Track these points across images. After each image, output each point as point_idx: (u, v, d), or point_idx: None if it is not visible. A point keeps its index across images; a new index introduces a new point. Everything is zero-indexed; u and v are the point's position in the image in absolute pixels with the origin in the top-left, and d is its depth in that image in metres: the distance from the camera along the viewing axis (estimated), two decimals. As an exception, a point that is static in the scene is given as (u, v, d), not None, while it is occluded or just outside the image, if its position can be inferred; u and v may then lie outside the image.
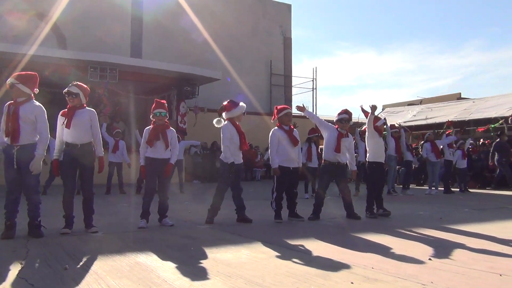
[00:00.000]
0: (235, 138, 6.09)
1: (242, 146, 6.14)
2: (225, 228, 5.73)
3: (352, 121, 7.09)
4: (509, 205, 9.17)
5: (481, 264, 3.70)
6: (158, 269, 3.52)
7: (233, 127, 6.11)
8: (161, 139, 5.78)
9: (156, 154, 5.79)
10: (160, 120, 5.85)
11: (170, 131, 5.95)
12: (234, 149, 6.08)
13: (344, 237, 5.25)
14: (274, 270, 3.50)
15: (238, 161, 6.14)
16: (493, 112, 15.69)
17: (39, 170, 4.81)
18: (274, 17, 23.89)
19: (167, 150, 5.83)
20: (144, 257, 3.94)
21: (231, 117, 6.17)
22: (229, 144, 6.02)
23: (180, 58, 19.05)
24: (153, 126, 5.86)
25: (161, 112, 5.85)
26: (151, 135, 5.78)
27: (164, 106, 5.94)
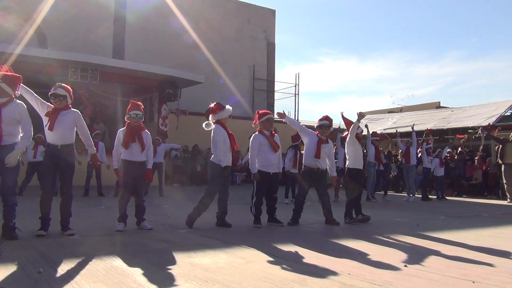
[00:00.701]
0: (226, 140, 6.08)
1: (233, 147, 6.12)
2: (204, 233, 5.70)
3: (332, 127, 7.15)
4: (484, 213, 9.36)
5: (455, 271, 3.77)
6: (134, 274, 3.49)
7: (223, 130, 6.11)
8: (136, 141, 5.70)
9: (131, 157, 5.70)
10: (136, 121, 5.77)
11: (146, 133, 5.86)
12: (225, 152, 6.07)
13: (322, 243, 5.28)
14: (251, 275, 3.51)
15: (228, 163, 6.15)
16: (470, 121, 15.99)
17: (14, 163, 4.70)
18: (258, 22, 23.98)
19: (143, 152, 5.76)
20: (120, 261, 3.90)
21: (219, 119, 6.15)
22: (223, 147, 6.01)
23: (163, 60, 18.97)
24: (128, 128, 5.75)
25: (137, 114, 5.75)
26: (126, 137, 5.68)
27: (139, 108, 5.84)
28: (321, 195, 6.75)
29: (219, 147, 5.99)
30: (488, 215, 8.98)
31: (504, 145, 12.20)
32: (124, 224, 5.66)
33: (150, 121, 17.53)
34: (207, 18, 21.72)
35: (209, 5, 22.14)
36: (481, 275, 3.61)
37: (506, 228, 6.84)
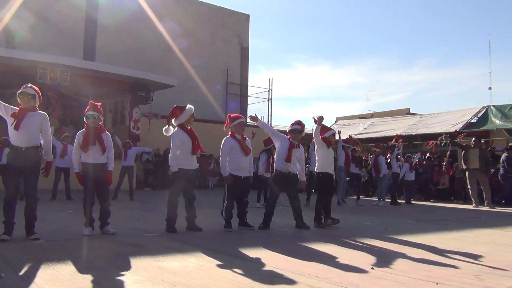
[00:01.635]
0: (187, 143, 6.02)
1: (194, 150, 6.03)
2: (173, 237, 5.65)
3: (304, 132, 7.21)
4: (450, 217, 9.60)
5: (420, 273, 3.85)
6: (100, 278, 3.43)
7: (183, 132, 6.04)
8: (96, 143, 5.58)
9: (92, 159, 5.57)
10: (94, 122, 5.63)
11: (106, 134, 5.74)
12: (186, 155, 6.01)
13: (292, 246, 5.31)
14: (220, 279, 3.50)
15: (191, 167, 6.08)
16: (438, 127, 16.41)
17: None
18: (232, 26, 24.05)
19: (103, 154, 5.64)
20: (86, 266, 3.83)
21: (181, 122, 6.11)
22: (180, 151, 5.96)
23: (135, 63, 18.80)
24: (87, 130, 5.61)
25: (93, 115, 5.62)
26: (85, 139, 5.55)
27: (97, 109, 5.69)
28: (291, 199, 6.79)
29: (173, 152, 5.95)
30: (453, 219, 9.21)
31: (467, 151, 12.48)
32: (91, 228, 5.55)
33: (121, 124, 17.33)
34: (181, 22, 21.64)
35: (183, 9, 22.07)
36: (444, 277, 3.70)
37: (470, 232, 7.02)
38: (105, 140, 5.67)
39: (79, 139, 5.61)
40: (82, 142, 5.56)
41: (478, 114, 16.04)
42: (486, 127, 15.46)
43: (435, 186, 15.68)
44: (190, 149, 6.02)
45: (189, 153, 6.03)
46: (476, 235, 6.68)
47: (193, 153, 6.06)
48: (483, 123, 15.53)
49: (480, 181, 12.30)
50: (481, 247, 5.36)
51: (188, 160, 6.04)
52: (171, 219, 5.95)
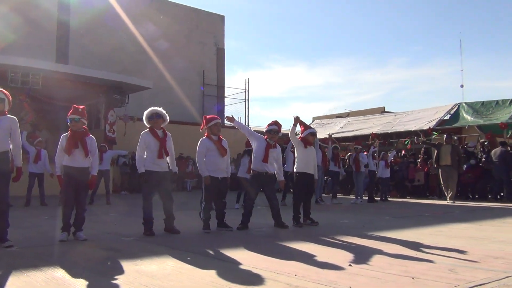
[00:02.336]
0: (153, 146, 5.96)
1: (158, 154, 5.95)
2: (151, 240, 5.60)
3: (281, 132, 7.24)
4: (425, 212, 9.77)
5: (396, 268, 3.91)
6: (76, 284, 3.37)
7: (150, 135, 6.01)
8: (80, 147, 5.50)
9: (74, 163, 5.49)
10: (77, 126, 5.55)
11: (90, 138, 5.66)
12: (153, 158, 5.96)
13: (271, 246, 5.33)
14: (199, 281, 3.48)
15: (160, 169, 6.00)
16: (412, 125, 16.69)
17: None
18: (207, 28, 23.98)
19: (86, 158, 5.57)
20: (62, 272, 3.76)
21: (148, 125, 6.08)
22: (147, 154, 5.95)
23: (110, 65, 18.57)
24: (71, 133, 5.54)
25: (74, 118, 5.54)
26: (69, 143, 5.46)
27: (80, 112, 5.61)
28: (269, 199, 6.80)
29: (137, 154, 5.95)
30: (429, 214, 9.38)
31: (439, 149, 12.63)
32: (67, 234, 5.45)
33: (96, 128, 17.08)
34: (156, 23, 21.48)
35: (157, 10, 21.90)
36: (420, 271, 3.76)
37: (445, 226, 7.17)
38: (89, 144, 5.60)
39: (62, 142, 5.51)
40: (65, 145, 5.46)
41: (450, 112, 16.36)
42: (459, 124, 15.80)
43: (410, 182, 15.94)
44: (157, 152, 5.96)
45: (156, 156, 5.96)
46: (451, 229, 6.81)
47: (158, 157, 5.97)
48: (455, 120, 15.86)
49: (450, 177, 12.43)
50: (456, 241, 5.47)
51: (157, 164, 5.98)
52: (148, 222, 5.89)
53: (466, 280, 3.41)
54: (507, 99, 15.24)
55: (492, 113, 14.91)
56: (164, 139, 6.06)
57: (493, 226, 7.20)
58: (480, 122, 15.09)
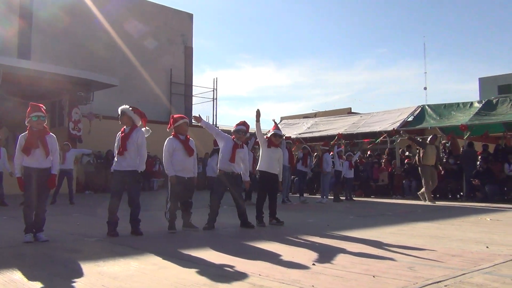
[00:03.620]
0: (118, 144, 5.91)
1: (119, 151, 5.87)
2: (115, 240, 5.51)
3: (249, 133, 7.25)
4: (388, 212, 10.00)
5: (358, 267, 3.99)
6: (34, 286, 3.29)
7: (120, 133, 5.98)
8: (40, 146, 5.34)
9: (35, 163, 5.32)
10: (39, 124, 5.39)
11: (50, 137, 5.50)
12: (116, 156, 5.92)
13: (236, 246, 5.34)
14: (162, 281, 3.46)
15: (121, 168, 5.89)
16: (377, 126, 17.01)
17: None
18: (175, 26, 23.73)
19: (47, 158, 5.42)
20: (20, 274, 3.65)
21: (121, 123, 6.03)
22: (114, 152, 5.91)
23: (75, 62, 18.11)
24: (30, 132, 5.35)
25: (39, 116, 5.37)
26: (28, 142, 5.28)
27: (41, 109, 5.44)
28: (236, 199, 6.82)
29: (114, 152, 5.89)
30: (391, 213, 9.62)
31: (424, 148, 12.51)
32: (32, 235, 5.29)
33: (60, 126, 16.64)
34: (123, 20, 21.10)
35: (124, 6, 21.52)
36: (381, 269, 3.86)
37: (406, 225, 7.36)
38: (49, 143, 5.43)
39: (21, 142, 5.33)
40: (24, 145, 5.29)
41: (414, 113, 16.76)
42: (422, 126, 16.20)
43: (375, 182, 16.27)
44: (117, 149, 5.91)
45: (117, 154, 5.90)
46: (413, 228, 7.00)
47: (118, 153, 5.88)
48: (419, 121, 16.26)
49: (434, 177, 12.49)
50: (416, 240, 5.63)
51: (118, 162, 5.90)
52: (112, 223, 5.80)
53: (424, 278, 3.52)
54: (468, 102, 15.76)
55: (454, 116, 15.38)
56: (128, 135, 5.92)
57: (453, 225, 7.44)
58: (442, 124, 15.54)
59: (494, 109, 14.61)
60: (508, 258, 4.36)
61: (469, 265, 4.04)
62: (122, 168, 5.89)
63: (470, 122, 14.31)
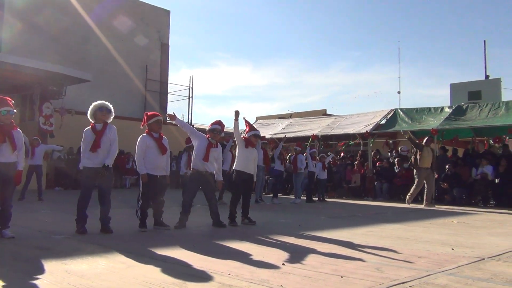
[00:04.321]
0: (89, 140, 5.79)
1: (92, 147, 5.76)
2: (84, 238, 5.43)
3: (224, 132, 7.24)
4: (359, 213, 10.15)
5: (327, 267, 4.04)
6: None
7: (90, 129, 5.86)
8: (7, 141, 5.21)
9: (1, 158, 5.19)
10: (7, 119, 5.26)
11: (17, 132, 5.38)
12: (88, 153, 5.79)
13: (207, 245, 5.33)
14: (130, 280, 3.43)
15: (93, 165, 5.79)
16: (351, 129, 17.23)
17: None
18: (152, 22, 23.48)
19: (13, 153, 5.29)
20: (-16, 271, 3.57)
21: (90, 119, 5.92)
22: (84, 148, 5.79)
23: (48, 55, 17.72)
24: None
25: (9, 111, 5.24)
26: None
27: (9, 103, 5.30)
28: (208, 198, 6.80)
29: (81, 149, 5.79)
30: (362, 215, 9.76)
31: (421, 149, 12.27)
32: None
33: (30, 120, 16.28)
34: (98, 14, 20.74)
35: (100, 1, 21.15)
36: (349, 270, 3.91)
37: (376, 226, 7.49)
38: (16, 138, 5.31)
39: None
40: None
41: (387, 116, 17.04)
42: (394, 129, 16.49)
43: (347, 184, 16.47)
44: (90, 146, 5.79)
45: (90, 151, 5.80)
46: (382, 230, 7.12)
47: (91, 150, 5.78)
48: (391, 124, 16.54)
49: (430, 180, 12.26)
50: (385, 241, 5.73)
51: (90, 159, 5.81)
52: (81, 220, 5.70)
53: (391, 279, 3.59)
54: (439, 107, 16.13)
55: (425, 120, 15.72)
56: (102, 132, 5.85)
57: (421, 227, 7.60)
58: (413, 128, 15.85)
59: (464, 114, 14.99)
60: (471, 260, 4.49)
61: (434, 266, 4.14)
62: (94, 165, 5.80)
63: (441, 126, 14.65)
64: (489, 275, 3.85)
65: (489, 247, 5.40)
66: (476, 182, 13.12)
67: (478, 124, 14.09)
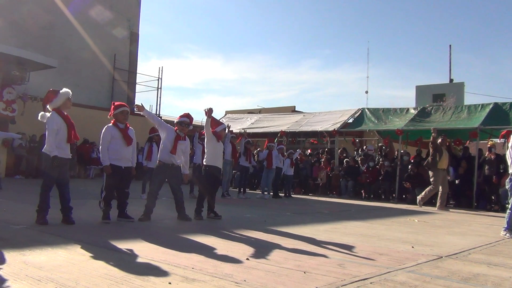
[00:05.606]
0: (62, 129, 5.65)
1: (69, 138, 5.68)
2: (44, 229, 5.28)
3: (192, 125, 7.18)
4: (324, 210, 10.29)
5: (291, 262, 4.08)
6: (-49, 275, 3.09)
7: (59, 117, 5.67)
8: None
9: None
10: None
11: None
12: (59, 142, 5.63)
13: (171, 238, 5.29)
14: (91, 273, 3.36)
15: (64, 155, 5.69)
16: (319, 126, 17.42)
17: None
18: (121, 10, 22.93)
19: None
20: None
21: (56, 106, 5.71)
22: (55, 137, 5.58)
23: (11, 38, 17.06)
24: None
25: None
26: None
27: None
28: (174, 191, 6.74)
29: (51, 136, 5.57)
30: (327, 211, 9.90)
31: (440, 152, 11.84)
32: None
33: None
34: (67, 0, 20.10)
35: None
36: (312, 266, 3.96)
37: (340, 223, 7.60)
38: None
39: None
40: None
41: (354, 115, 17.31)
42: (361, 128, 16.77)
43: (314, 180, 16.66)
44: (65, 136, 5.66)
45: (64, 141, 5.66)
46: (346, 227, 7.24)
47: (68, 141, 5.70)
48: (358, 123, 16.81)
49: (445, 182, 11.92)
50: (349, 238, 5.83)
51: (62, 149, 5.67)
52: (42, 210, 5.54)
53: (352, 275, 3.66)
54: (404, 108, 16.50)
55: (391, 120, 16.05)
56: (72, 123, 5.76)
57: (383, 225, 7.77)
58: (379, 128, 16.16)
59: (428, 116, 15.39)
60: (430, 258, 4.63)
61: (395, 264, 4.24)
62: (66, 156, 5.71)
63: (406, 127, 14.99)
64: (446, 273, 3.97)
65: (447, 246, 5.57)
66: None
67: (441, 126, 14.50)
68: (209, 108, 7.03)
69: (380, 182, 14.92)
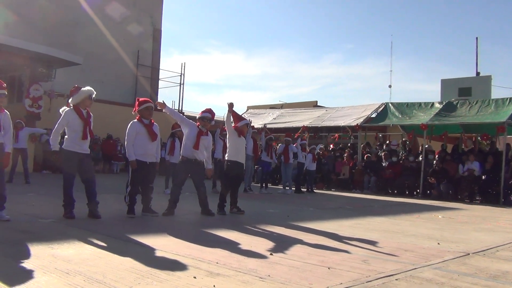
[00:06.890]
0: (77, 126, 5.75)
1: (84, 135, 5.77)
2: (71, 223, 5.40)
3: (214, 121, 7.20)
4: (347, 205, 10.21)
5: (315, 258, 4.06)
6: (-16, 267, 3.18)
7: (74, 113, 5.78)
8: None
9: None
10: (4, 102, 5.24)
11: (4, 114, 5.34)
12: (75, 138, 5.75)
13: (195, 233, 5.34)
14: (117, 266, 3.42)
15: (81, 151, 5.80)
16: (341, 121, 17.25)
17: None
18: (144, 7, 23.17)
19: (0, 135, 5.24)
20: (-32, 254, 3.53)
21: (75, 103, 5.83)
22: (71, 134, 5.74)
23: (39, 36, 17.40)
24: None
25: (1, 94, 5.22)
26: None
27: (2, 86, 5.27)
28: (197, 186, 6.79)
29: (56, 130, 5.78)
30: (350, 207, 9.82)
31: None
32: None
33: (18, 102, 16.06)
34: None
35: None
36: (336, 261, 3.94)
37: (363, 219, 7.54)
38: (2, 120, 5.27)
39: None
40: None
41: (378, 110, 17.07)
42: (384, 123, 16.54)
43: (336, 176, 16.54)
44: (81, 133, 5.77)
45: (79, 138, 5.77)
46: (369, 222, 7.18)
47: (83, 138, 5.79)
48: (381, 118, 16.58)
49: None
50: (372, 234, 5.78)
51: (79, 145, 5.78)
52: (68, 205, 5.66)
53: (377, 271, 3.62)
54: (429, 102, 16.19)
55: (415, 115, 15.78)
56: (89, 119, 5.87)
57: (408, 221, 7.67)
58: (403, 122, 15.92)
59: (453, 110, 15.07)
60: (456, 255, 4.55)
61: (420, 260, 4.18)
62: (82, 151, 5.81)
63: (431, 122, 14.72)
64: (474, 270, 3.90)
65: (474, 242, 5.47)
66: (462, 178, 13.25)
67: (468, 121, 14.18)
68: (230, 102, 7.04)
69: (405, 177, 14.71)
